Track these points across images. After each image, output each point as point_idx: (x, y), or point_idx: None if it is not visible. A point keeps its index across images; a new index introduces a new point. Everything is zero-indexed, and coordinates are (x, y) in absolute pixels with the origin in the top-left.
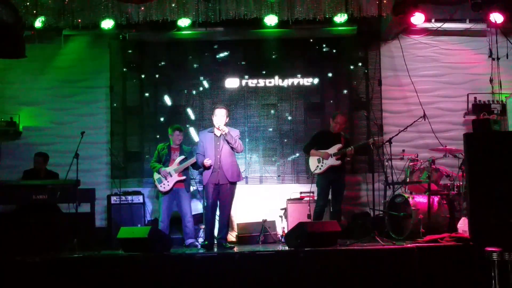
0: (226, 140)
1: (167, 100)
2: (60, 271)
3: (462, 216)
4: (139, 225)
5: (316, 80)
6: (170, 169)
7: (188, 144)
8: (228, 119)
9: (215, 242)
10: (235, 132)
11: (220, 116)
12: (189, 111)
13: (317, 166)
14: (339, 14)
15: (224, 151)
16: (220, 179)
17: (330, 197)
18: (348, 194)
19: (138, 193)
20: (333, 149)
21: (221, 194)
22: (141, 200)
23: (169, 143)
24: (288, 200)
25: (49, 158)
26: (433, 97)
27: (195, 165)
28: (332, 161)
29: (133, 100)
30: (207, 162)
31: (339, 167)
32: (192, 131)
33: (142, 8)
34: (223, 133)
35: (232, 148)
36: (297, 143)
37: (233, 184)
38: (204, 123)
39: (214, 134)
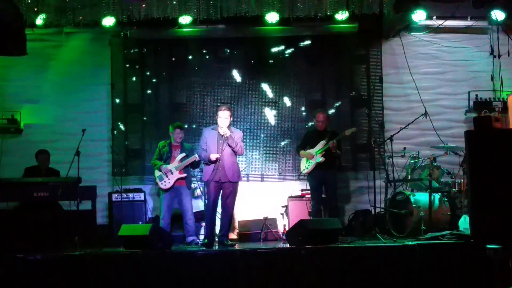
0: (228, 144)
1: (168, 97)
2: (62, 268)
3: (463, 214)
4: (140, 223)
5: (317, 78)
6: (171, 166)
7: (190, 142)
8: (232, 118)
9: (216, 239)
10: (238, 134)
11: (223, 118)
12: (190, 108)
13: (305, 166)
14: (340, 12)
15: (226, 151)
16: (221, 177)
17: (324, 195)
18: (349, 191)
19: (139, 190)
20: (317, 147)
21: (223, 193)
22: (142, 198)
23: (170, 141)
24: (289, 197)
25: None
26: (434, 94)
27: (193, 164)
28: (316, 159)
29: (134, 97)
30: (213, 156)
31: (327, 164)
32: (193, 129)
33: (143, 5)
34: (225, 136)
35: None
36: (298, 140)
37: (235, 183)
38: (206, 120)
39: (218, 133)
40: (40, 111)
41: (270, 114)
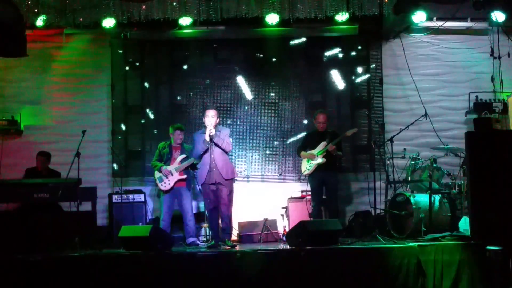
0: (214, 142)
1: (168, 98)
2: (62, 270)
3: (463, 215)
4: (140, 224)
5: (317, 79)
6: (171, 167)
7: (190, 143)
8: (218, 119)
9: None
10: (225, 131)
11: (210, 117)
12: (190, 110)
13: (306, 167)
14: (340, 13)
15: (216, 151)
16: (216, 178)
17: (324, 196)
18: (350, 193)
19: (139, 191)
20: (318, 148)
21: (220, 193)
22: (142, 199)
23: (170, 142)
24: (289, 198)
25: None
26: (434, 95)
27: (193, 165)
28: (317, 160)
29: (135, 98)
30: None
31: (328, 166)
32: (193, 130)
33: (144, 6)
34: (211, 134)
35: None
36: (298, 142)
37: (229, 180)
38: None
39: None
40: (40, 112)
41: (270, 116)
